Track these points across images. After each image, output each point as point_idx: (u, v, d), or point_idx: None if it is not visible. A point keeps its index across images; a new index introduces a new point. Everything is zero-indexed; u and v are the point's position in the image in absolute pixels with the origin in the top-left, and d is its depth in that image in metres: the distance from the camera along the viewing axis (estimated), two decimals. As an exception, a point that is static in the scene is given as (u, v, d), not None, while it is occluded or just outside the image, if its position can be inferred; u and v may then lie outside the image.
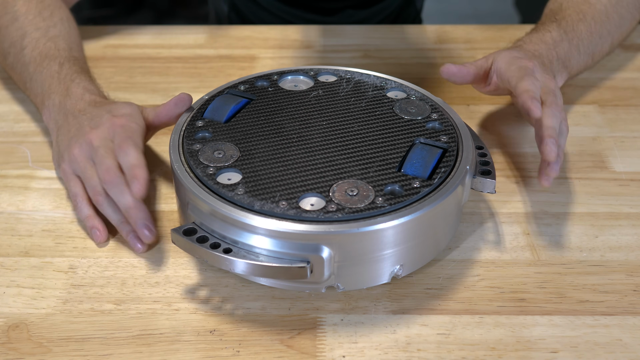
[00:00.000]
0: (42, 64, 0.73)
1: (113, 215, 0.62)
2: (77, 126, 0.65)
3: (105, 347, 0.54)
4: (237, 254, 0.52)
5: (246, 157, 0.58)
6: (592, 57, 0.79)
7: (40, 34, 0.76)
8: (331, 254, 0.53)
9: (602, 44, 0.80)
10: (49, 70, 0.72)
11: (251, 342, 0.54)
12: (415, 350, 0.54)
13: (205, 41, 0.96)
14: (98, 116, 0.65)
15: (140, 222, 0.60)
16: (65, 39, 0.77)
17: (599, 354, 0.53)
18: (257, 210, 0.53)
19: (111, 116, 0.64)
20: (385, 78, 0.70)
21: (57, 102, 0.69)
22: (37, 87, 0.73)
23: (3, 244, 0.63)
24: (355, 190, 0.55)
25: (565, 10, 0.79)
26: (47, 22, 0.78)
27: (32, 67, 0.74)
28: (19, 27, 0.77)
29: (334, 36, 0.98)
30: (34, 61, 0.74)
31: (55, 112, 0.69)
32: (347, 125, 0.63)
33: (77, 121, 0.66)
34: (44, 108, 0.71)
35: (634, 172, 0.72)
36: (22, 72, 0.75)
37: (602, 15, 0.79)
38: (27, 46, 0.75)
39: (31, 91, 0.74)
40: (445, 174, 0.57)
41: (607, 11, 0.80)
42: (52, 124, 0.70)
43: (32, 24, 0.77)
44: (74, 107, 0.68)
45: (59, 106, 0.69)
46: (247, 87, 0.68)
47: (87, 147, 0.63)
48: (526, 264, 0.61)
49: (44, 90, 0.71)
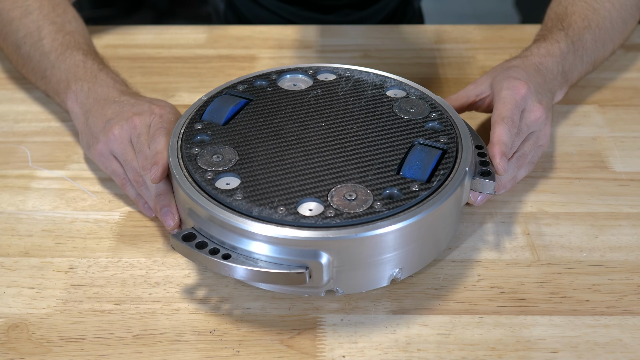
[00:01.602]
0: (65, 53, 0.74)
1: (149, 195, 0.63)
2: (116, 110, 0.67)
3: (105, 347, 0.54)
4: (236, 260, 0.52)
5: (245, 161, 0.58)
6: (593, 65, 0.79)
7: (57, 28, 0.77)
8: (330, 260, 0.52)
9: (604, 51, 0.79)
10: (73, 59, 0.74)
11: (251, 342, 0.54)
12: (415, 350, 0.54)
13: (205, 41, 0.96)
14: (140, 104, 0.67)
15: (166, 209, 0.60)
16: (82, 35, 0.79)
17: (599, 354, 0.53)
18: (256, 216, 0.53)
19: (152, 105, 0.66)
20: (385, 76, 0.69)
21: (86, 88, 0.70)
22: (60, 73, 0.74)
23: (3, 244, 0.63)
24: (353, 195, 0.55)
25: (571, 16, 0.77)
26: (62, 18, 0.79)
27: (53, 55, 0.75)
28: (34, 20, 0.78)
29: (333, 36, 0.98)
30: (55, 50, 0.75)
31: (84, 97, 0.70)
32: (345, 126, 0.62)
33: (115, 105, 0.67)
34: (69, 92, 0.72)
35: (634, 172, 0.72)
36: (41, 61, 0.76)
37: (607, 21, 0.78)
38: (46, 37, 0.76)
39: (52, 77, 0.75)
40: (444, 177, 0.57)
41: (612, 17, 0.79)
42: (77, 107, 0.70)
43: (47, 18, 0.78)
44: (106, 93, 0.69)
45: (87, 92, 0.70)
46: (246, 87, 0.68)
47: (128, 130, 0.64)
48: (526, 264, 0.61)
49: (69, 77, 0.72)
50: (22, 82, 0.86)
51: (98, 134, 0.66)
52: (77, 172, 0.72)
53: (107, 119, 0.66)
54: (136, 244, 0.63)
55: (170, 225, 0.60)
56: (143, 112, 0.65)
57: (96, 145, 0.66)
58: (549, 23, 0.79)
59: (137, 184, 0.63)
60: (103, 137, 0.65)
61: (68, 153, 0.75)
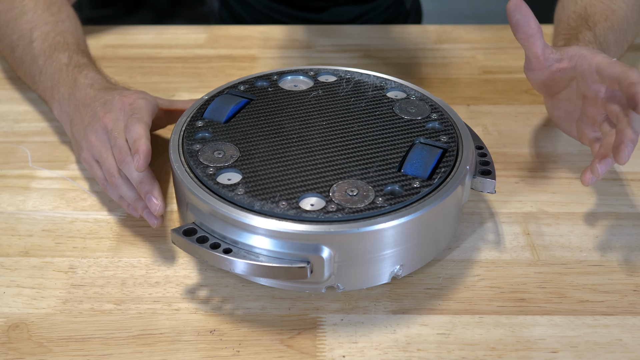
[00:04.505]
0: (52, 57, 0.74)
1: (128, 193, 0.62)
2: (90, 114, 0.66)
3: (105, 347, 0.54)
4: (237, 254, 0.52)
5: (246, 157, 0.58)
6: None
7: (49, 28, 0.77)
8: (331, 254, 0.53)
9: (621, 51, 0.78)
10: (58, 63, 0.73)
11: (251, 342, 0.54)
12: (415, 350, 0.54)
13: (205, 41, 0.96)
14: (110, 100, 0.66)
15: (149, 195, 0.60)
16: (74, 34, 0.79)
17: (599, 354, 0.53)
18: (257, 211, 0.53)
19: (121, 97, 0.65)
20: (385, 78, 0.70)
21: (67, 95, 0.70)
22: (46, 80, 0.73)
23: (3, 244, 0.63)
24: (355, 191, 0.55)
25: (592, 16, 0.75)
26: (55, 17, 0.79)
27: (41, 59, 0.75)
28: (28, 21, 0.78)
29: (334, 36, 0.98)
30: (43, 54, 0.75)
31: (66, 105, 0.70)
32: (347, 125, 0.63)
33: (90, 109, 0.67)
34: (53, 102, 0.72)
35: (634, 172, 0.72)
36: (31, 65, 0.76)
37: (624, 22, 0.77)
38: (37, 39, 0.76)
39: (40, 84, 0.75)
40: (445, 174, 0.57)
41: (627, 17, 0.78)
42: (64, 117, 0.70)
43: (40, 18, 0.78)
44: (84, 97, 0.68)
45: (68, 98, 0.70)
46: (247, 87, 0.68)
47: (103, 131, 0.64)
48: (526, 264, 0.61)
49: (53, 84, 0.72)
50: (22, 82, 0.86)
51: (81, 141, 0.66)
52: (77, 172, 0.72)
53: (85, 125, 0.66)
54: (136, 244, 0.63)
55: (156, 209, 0.59)
56: (112, 109, 0.64)
57: (82, 153, 0.66)
58: (572, 22, 0.76)
59: (114, 185, 0.62)
60: (85, 144, 0.65)
61: (68, 153, 0.75)
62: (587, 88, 0.63)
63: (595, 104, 0.64)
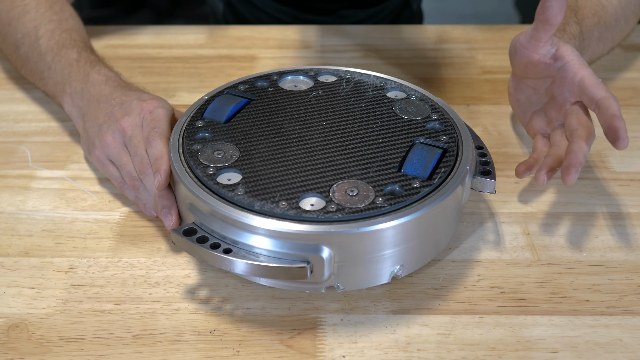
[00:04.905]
0: (60, 53, 0.74)
1: (149, 198, 0.63)
2: (106, 112, 0.66)
3: (105, 347, 0.54)
4: (237, 254, 0.52)
5: (246, 157, 0.58)
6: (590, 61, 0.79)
7: (54, 26, 0.77)
8: (331, 254, 0.53)
9: (604, 48, 0.79)
10: (68, 59, 0.73)
11: (251, 342, 0.54)
12: (415, 350, 0.54)
13: (205, 41, 0.96)
14: (127, 102, 0.66)
15: (165, 210, 0.60)
16: (78, 32, 0.79)
17: (599, 354, 0.53)
18: (257, 211, 0.53)
19: (140, 101, 0.65)
20: (385, 78, 0.70)
21: (79, 89, 0.70)
22: (56, 75, 0.73)
23: (3, 244, 0.63)
24: (355, 191, 0.55)
25: (582, 10, 0.76)
26: (59, 15, 0.79)
27: (49, 56, 0.75)
28: (31, 19, 0.78)
29: (334, 36, 0.98)
30: (51, 50, 0.75)
31: (78, 99, 0.70)
32: (347, 126, 0.63)
33: (105, 107, 0.67)
34: (65, 96, 0.72)
35: (634, 172, 0.72)
36: (39, 62, 0.76)
37: (612, 19, 0.77)
38: (43, 36, 0.76)
39: (49, 80, 0.75)
40: (445, 174, 0.57)
41: (617, 15, 0.78)
42: (75, 111, 0.70)
43: (44, 16, 0.78)
44: (98, 93, 0.68)
45: (81, 92, 0.70)
46: (247, 87, 0.68)
47: (120, 134, 0.64)
48: (526, 264, 0.61)
49: (64, 78, 0.72)
50: (22, 82, 0.87)
51: (94, 139, 0.66)
52: (77, 172, 0.72)
53: (100, 124, 0.66)
54: (136, 244, 0.63)
55: (170, 225, 0.60)
56: (131, 112, 0.65)
57: (94, 151, 0.66)
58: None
59: (135, 188, 0.63)
60: (99, 143, 0.65)
61: (68, 153, 0.75)
62: (560, 92, 0.66)
63: (559, 109, 0.66)
